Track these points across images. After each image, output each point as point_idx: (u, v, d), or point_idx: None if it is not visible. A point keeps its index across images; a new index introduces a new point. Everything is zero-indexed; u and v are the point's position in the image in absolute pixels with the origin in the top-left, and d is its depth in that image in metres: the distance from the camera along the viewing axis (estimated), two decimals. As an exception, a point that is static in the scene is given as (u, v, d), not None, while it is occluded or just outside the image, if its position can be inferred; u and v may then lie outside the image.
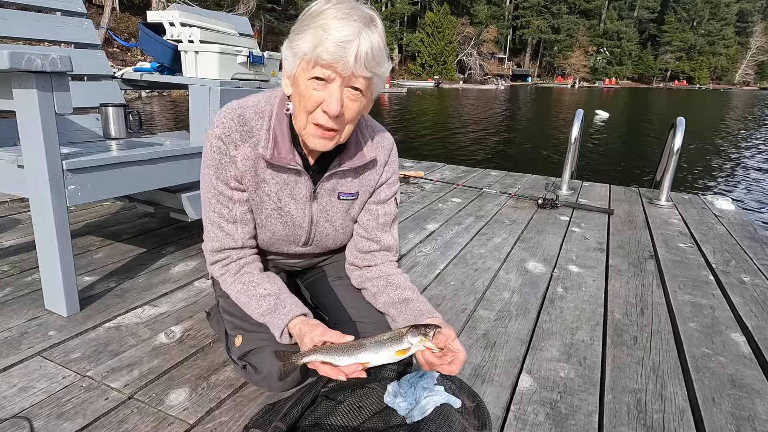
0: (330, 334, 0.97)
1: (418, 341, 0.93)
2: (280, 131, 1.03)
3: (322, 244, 1.22)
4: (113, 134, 1.96)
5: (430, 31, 53.28)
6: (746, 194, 6.70)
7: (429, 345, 0.93)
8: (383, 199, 1.19)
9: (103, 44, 2.99)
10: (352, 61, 0.87)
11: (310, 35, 0.88)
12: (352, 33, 0.87)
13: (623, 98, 36.40)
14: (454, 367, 0.94)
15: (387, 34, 0.94)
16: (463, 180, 3.88)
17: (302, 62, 0.91)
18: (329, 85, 0.91)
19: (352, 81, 0.91)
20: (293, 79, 0.95)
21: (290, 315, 1.03)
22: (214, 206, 1.09)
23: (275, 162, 1.03)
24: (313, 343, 0.96)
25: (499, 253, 2.26)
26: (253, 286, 1.09)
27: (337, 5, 0.89)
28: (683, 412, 1.21)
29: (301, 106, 0.95)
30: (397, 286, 1.17)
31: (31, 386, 1.15)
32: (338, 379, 0.92)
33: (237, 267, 1.12)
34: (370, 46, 0.89)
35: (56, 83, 1.27)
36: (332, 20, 0.87)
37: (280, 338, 1.05)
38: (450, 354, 0.95)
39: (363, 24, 0.88)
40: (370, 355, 0.93)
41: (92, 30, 2.17)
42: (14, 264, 1.83)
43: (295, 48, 0.91)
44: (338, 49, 0.86)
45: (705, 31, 72.07)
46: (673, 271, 2.15)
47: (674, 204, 3.39)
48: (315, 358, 0.94)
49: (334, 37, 0.86)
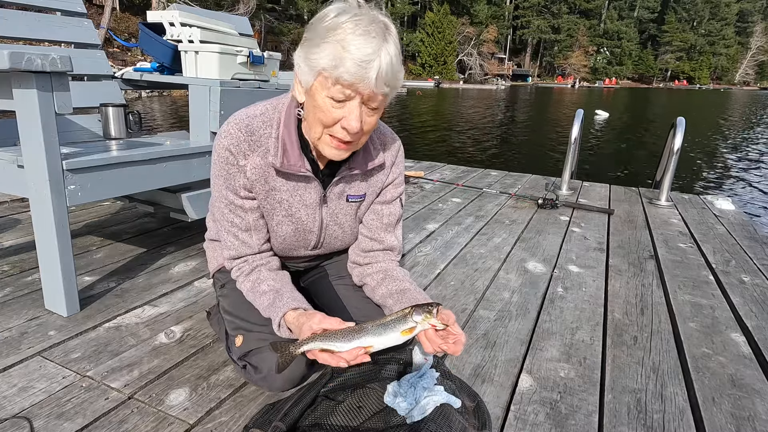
0: (329, 321, 0.96)
1: (423, 319, 0.93)
2: (288, 138, 1.03)
3: (330, 246, 1.23)
4: (113, 134, 1.96)
5: (430, 31, 53.27)
6: (746, 194, 6.69)
7: (433, 322, 0.93)
8: (389, 200, 1.20)
9: (103, 44, 2.98)
10: (373, 81, 0.86)
11: (328, 51, 0.86)
12: (372, 51, 0.85)
13: (623, 98, 36.38)
14: (458, 346, 0.95)
15: (398, 33, 0.93)
16: (463, 180, 3.88)
17: (320, 77, 0.89)
18: (348, 103, 0.90)
19: (371, 97, 0.90)
20: (309, 91, 0.93)
21: (285, 307, 1.03)
22: (227, 216, 1.10)
23: (285, 170, 1.03)
24: (311, 331, 0.94)
25: (499, 253, 2.26)
26: (258, 284, 1.10)
27: (355, 18, 0.86)
28: (683, 412, 1.21)
29: (317, 119, 0.94)
30: (395, 278, 1.18)
31: (31, 386, 1.15)
32: (339, 366, 0.91)
33: (249, 268, 1.13)
34: (390, 62, 0.87)
35: (56, 83, 1.27)
36: (351, 36, 0.85)
37: (278, 331, 1.05)
38: (451, 336, 0.96)
39: (382, 39, 0.87)
40: (374, 338, 0.92)
41: (92, 30, 2.17)
42: (14, 264, 1.83)
43: (312, 62, 0.89)
44: (360, 70, 0.85)
45: (705, 31, 72.06)
46: (673, 271, 2.15)
47: (674, 204, 3.39)
48: (313, 346, 0.92)
49: (355, 57, 0.84)
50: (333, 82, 0.88)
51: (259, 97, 1.94)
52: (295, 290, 1.11)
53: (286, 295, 1.07)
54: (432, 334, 0.95)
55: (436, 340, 0.95)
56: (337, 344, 0.91)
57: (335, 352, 0.91)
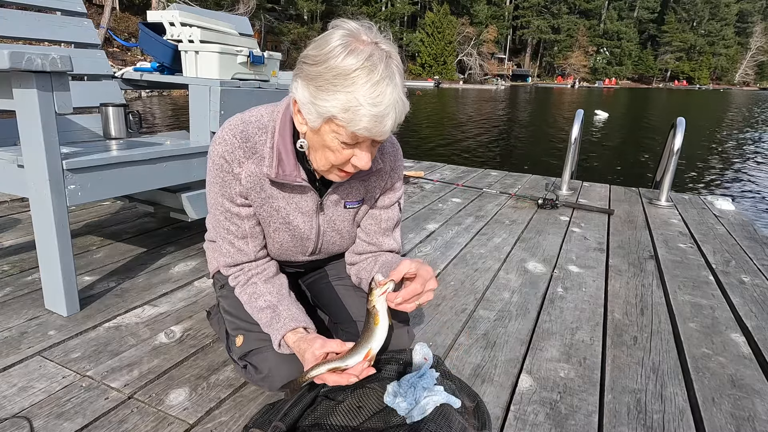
0: (330, 344, 0.97)
1: (372, 299, 0.95)
2: (284, 148, 1.01)
3: (328, 251, 1.23)
4: (113, 134, 1.96)
5: (430, 31, 53.30)
6: (746, 194, 6.69)
7: (380, 291, 0.95)
8: (387, 204, 1.19)
9: (103, 44, 2.98)
10: (389, 130, 0.86)
11: (340, 101, 0.83)
12: (388, 105, 0.83)
13: (623, 98, 36.39)
14: (424, 297, 0.99)
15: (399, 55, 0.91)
16: (463, 180, 3.88)
17: (332, 123, 0.87)
18: (360, 143, 0.90)
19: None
20: (316, 130, 0.91)
21: (283, 330, 1.04)
22: (223, 223, 1.09)
23: (280, 180, 1.02)
24: (314, 358, 0.96)
25: (499, 253, 2.26)
26: (254, 298, 1.10)
27: (366, 67, 0.82)
28: (683, 412, 1.21)
29: (325, 157, 0.93)
30: (382, 261, 1.19)
31: (31, 386, 1.15)
32: (350, 383, 0.92)
33: (246, 278, 1.13)
34: (403, 105, 0.86)
35: (56, 83, 1.27)
36: (364, 89, 0.81)
37: (279, 350, 1.07)
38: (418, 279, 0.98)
39: (391, 80, 0.83)
40: (366, 344, 0.94)
41: (92, 30, 2.17)
42: (14, 264, 1.83)
43: (321, 108, 0.85)
44: (376, 125, 0.84)
45: (705, 31, 72.09)
46: (673, 271, 2.15)
47: (674, 204, 3.39)
48: (320, 371, 0.94)
49: (371, 113, 0.82)
50: (347, 133, 0.86)
51: (259, 97, 1.96)
52: (292, 304, 1.10)
53: (284, 314, 1.07)
54: (394, 297, 0.97)
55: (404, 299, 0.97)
56: (343, 363, 0.94)
57: (344, 369, 0.93)
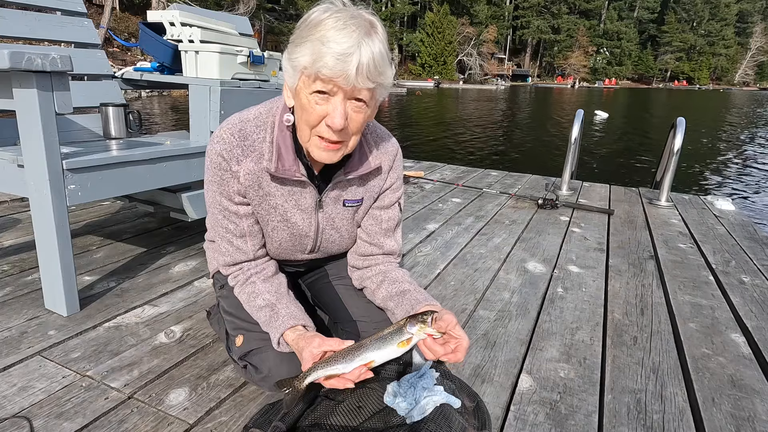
0: (328, 342, 0.96)
1: (418, 329, 0.92)
2: (283, 143, 1.02)
3: (327, 250, 1.22)
4: (113, 134, 1.96)
5: (430, 31, 53.28)
6: (746, 194, 6.69)
7: (429, 331, 0.92)
8: (387, 205, 1.19)
9: (103, 44, 2.98)
10: (353, 74, 0.85)
11: (308, 48, 0.85)
12: (351, 45, 0.84)
13: (623, 98, 36.38)
14: (458, 354, 0.93)
15: (387, 34, 0.92)
16: (463, 180, 3.88)
17: (303, 76, 0.89)
18: (332, 99, 0.89)
19: (355, 93, 0.89)
20: (295, 93, 0.93)
21: (282, 328, 1.04)
22: (221, 222, 1.09)
23: (279, 174, 1.01)
24: (312, 357, 0.95)
25: (499, 254, 2.26)
26: (253, 297, 1.10)
27: (335, 14, 0.86)
28: (683, 412, 1.21)
29: (303, 119, 0.93)
30: (394, 280, 1.17)
31: (31, 386, 1.15)
32: (347, 388, 0.91)
33: (244, 278, 1.12)
34: (371, 57, 0.86)
35: (56, 83, 1.27)
36: (331, 31, 0.84)
37: (278, 348, 1.06)
38: (453, 341, 0.94)
39: (363, 33, 0.85)
40: (373, 353, 0.92)
41: (92, 30, 2.17)
42: (14, 264, 1.83)
43: (295, 61, 0.89)
44: (338, 63, 0.84)
45: (705, 31, 72.07)
46: (673, 271, 2.15)
47: (674, 204, 3.39)
48: (317, 375, 0.93)
49: (333, 51, 0.83)
50: (314, 78, 0.87)
51: (259, 97, 1.95)
52: (291, 302, 1.10)
53: (282, 312, 1.06)
54: (431, 343, 0.94)
55: (436, 348, 0.93)
56: (339, 367, 0.92)
57: (340, 375, 0.92)
